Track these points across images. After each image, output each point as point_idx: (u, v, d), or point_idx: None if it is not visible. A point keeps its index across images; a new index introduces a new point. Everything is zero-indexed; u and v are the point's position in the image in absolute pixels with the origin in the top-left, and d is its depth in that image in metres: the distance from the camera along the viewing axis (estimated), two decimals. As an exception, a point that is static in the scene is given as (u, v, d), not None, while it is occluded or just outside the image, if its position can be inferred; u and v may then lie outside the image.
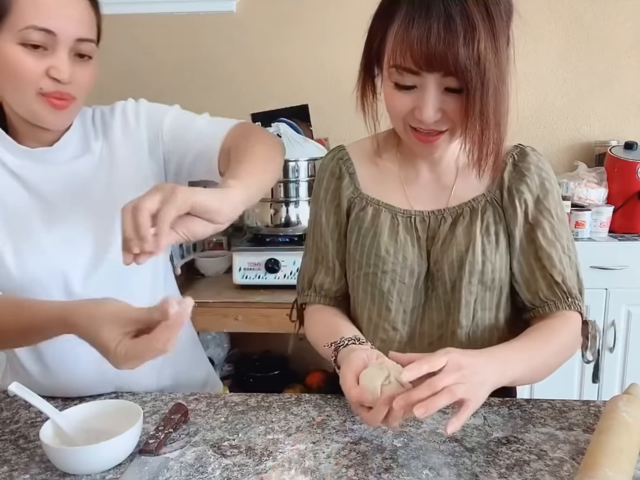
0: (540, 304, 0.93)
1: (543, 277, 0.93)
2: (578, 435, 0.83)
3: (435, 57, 0.76)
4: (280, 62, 2.38)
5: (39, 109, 0.89)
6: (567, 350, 0.91)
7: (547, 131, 2.44)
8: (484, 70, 0.77)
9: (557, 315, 0.92)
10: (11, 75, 0.86)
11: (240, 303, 1.87)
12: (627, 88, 2.37)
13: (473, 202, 0.94)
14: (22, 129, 0.95)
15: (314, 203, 1.04)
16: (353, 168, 1.00)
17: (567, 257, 0.94)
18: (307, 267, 1.06)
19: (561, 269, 0.92)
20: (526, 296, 0.94)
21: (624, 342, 2.05)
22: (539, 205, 0.93)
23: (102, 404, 0.88)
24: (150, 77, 2.34)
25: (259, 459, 0.79)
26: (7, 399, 1.00)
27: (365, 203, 0.98)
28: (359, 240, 0.97)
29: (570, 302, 0.92)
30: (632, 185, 2.11)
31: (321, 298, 1.04)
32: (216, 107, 2.48)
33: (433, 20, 0.76)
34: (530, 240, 0.93)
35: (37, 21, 0.83)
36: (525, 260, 0.94)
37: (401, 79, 0.81)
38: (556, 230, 0.93)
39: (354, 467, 0.76)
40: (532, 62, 2.37)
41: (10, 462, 0.81)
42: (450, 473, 0.75)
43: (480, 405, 0.74)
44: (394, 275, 0.95)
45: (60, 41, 0.86)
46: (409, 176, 0.98)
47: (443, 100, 0.81)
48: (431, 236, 0.95)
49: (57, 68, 0.86)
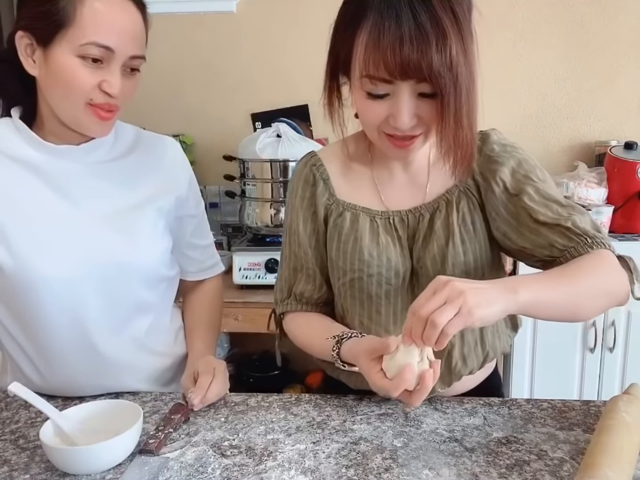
0: (559, 253, 0.86)
1: (551, 231, 0.87)
2: (578, 435, 0.83)
3: (409, 65, 0.76)
4: (280, 62, 2.38)
5: (86, 118, 0.92)
6: (610, 286, 0.83)
7: (547, 131, 2.43)
8: (456, 74, 0.78)
9: (584, 255, 0.84)
10: (64, 84, 0.88)
11: (240, 303, 1.87)
12: (627, 88, 2.37)
13: (447, 195, 0.94)
14: (52, 127, 0.95)
15: (289, 212, 1.03)
16: (327, 174, 0.99)
17: (567, 207, 0.89)
18: (286, 277, 1.04)
19: (565, 216, 0.87)
20: (542, 253, 0.88)
21: (624, 342, 2.05)
22: (516, 175, 0.91)
23: (102, 404, 0.88)
24: (150, 76, 2.33)
25: (259, 459, 0.79)
26: (7, 399, 1.00)
27: (342, 209, 0.97)
28: (340, 247, 0.96)
29: (590, 242, 0.84)
30: (632, 185, 2.11)
31: (302, 305, 1.03)
32: (216, 107, 2.50)
33: (404, 29, 0.75)
34: (522, 209, 0.89)
35: (98, 37, 0.86)
36: (526, 227, 0.89)
37: (374, 88, 0.81)
38: (543, 191, 0.90)
39: (354, 467, 0.76)
40: (532, 62, 2.38)
41: (10, 462, 0.81)
42: (450, 473, 0.75)
43: (487, 317, 0.71)
44: (380, 278, 0.94)
45: (116, 57, 0.89)
46: (383, 178, 0.98)
47: (417, 106, 0.81)
48: (411, 235, 0.95)
49: (109, 83, 0.89)
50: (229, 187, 2.28)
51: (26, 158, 0.95)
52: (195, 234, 1.15)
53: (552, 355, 2.05)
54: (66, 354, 0.98)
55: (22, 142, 0.95)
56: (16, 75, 0.93)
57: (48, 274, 0.92)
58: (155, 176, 1.04)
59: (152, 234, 1.01)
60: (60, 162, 0.96)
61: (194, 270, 1.18)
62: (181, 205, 1.09)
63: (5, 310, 0.97)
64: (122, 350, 1.01)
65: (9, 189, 0.94)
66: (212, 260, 1.21)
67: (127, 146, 1.04)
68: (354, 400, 0.96)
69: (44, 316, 0.94)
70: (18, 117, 0.96)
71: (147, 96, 2.46)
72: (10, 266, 0.92)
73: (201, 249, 1.17)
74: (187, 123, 2.49)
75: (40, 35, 0.87)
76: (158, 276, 1.04)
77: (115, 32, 0.88)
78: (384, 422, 0.88)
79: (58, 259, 0.93)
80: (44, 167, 0.95)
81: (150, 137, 1.09)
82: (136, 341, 1.03)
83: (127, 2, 0.90)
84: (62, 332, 0.96)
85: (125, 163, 1.02)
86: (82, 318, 0.96)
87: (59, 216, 0.95)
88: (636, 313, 2.02)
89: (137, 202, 1.01)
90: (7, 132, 0.95)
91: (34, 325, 0.96)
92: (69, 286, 0.94)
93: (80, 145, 0.97)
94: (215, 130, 2.50)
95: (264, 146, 1.99)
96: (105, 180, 0.99)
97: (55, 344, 0.97)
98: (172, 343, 1.12)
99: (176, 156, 1.10)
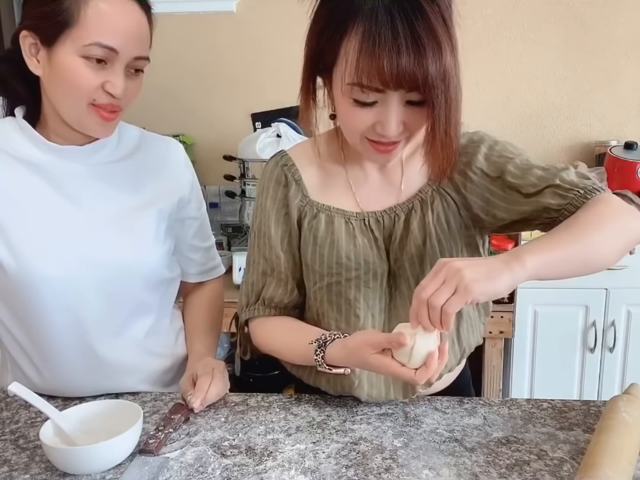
0: (557, 214, 0.85)
1: (542, 195, 0.86)
2: (578, 435, 0.83)
3: (404, 76, 0.74)
4: (281, 62, 2.38)
5: (88, 118, 0.91)
6: (619, 222, 0.80)
7: (547, 131, 2.44)
8: (447, 84, 0.77)
9: (584, 205, 0.82)
10: (67, 84, 0.88)
11: (240, 303, 1.87)
12: (627, 88, 2.37)
13: (421, 194, 0.94)
14: (55, 127, 0.95)
15: (259, 214, 0.98)
16: (299, 174, 0.96)
17: (549, 169, 0.87)
18: (252, 281, 1.00)
19: (551, 177, 0.86)
20: (541, 216, 0.87)
21: (624, 342, 2.05)
22: (491, 159, 0.90)
23: (102, 404, 0.88)
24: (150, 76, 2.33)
25: (259, 459, 0.79)
26: (7, 399, 1.00)
27: (317, 210, 0.94)
28: (316, 251, 0.93)
29: (583, 192, 0.83)
30: (632, 185, 2.11)
31: (271, 310, 0.99)
32: (216, 107, 2.50)
33: (400, 39, 0.73)
34: (508, 188, 0.88)
35: (102, 38, 0.86)
36: (518, 203, 0.88)
37: (364, 96, 0.78)
38: (521, 164, 0.88)
39: (354, 467, 0.76)
40: (532, 62, 2.38)
41: (10, 462, 0.81)
42: (450, 473, 0.75)
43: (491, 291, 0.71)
44: (358, 281, 0.92)
45: (120, 58, 0.88)
46: (358, 178, 0.96)
47: (404, 113, 0.80)
48: (387, 235, 0.94)
49: (112, 83, 0.89)
50: (229, 187, 2.28)
51: (29, 158, 0.95)
52: (197, 236, 1.15)
53: (552, 355, 2.05)
54: (66, 354, 0.98)
55: (26, 141, 0.95)
56: (20, 74, 0.93)
57: (49, 274, 0.92)
58: (158, 178, 1.04)
59: (153, 235, 1.01)
60: (63, 163, 0.96)
61: (194, 273, 1.18)
62: (183, 207, 1.09)
63: (6, 310, 0.97)
64: (123, 351, 1.01)
65: (12, 188, 0.94)
66: (213, 263, 1.21)
67: (130, 147, 1.04)
68: (354, 400, 0.95)
69: (45, 316, 0.94)
70: (22, 116, 0.96)
71: (147, 96, 2.45)
72: (12, 266, 0.92)
73: (202, 251, 1.17)
74: (187, 123, 2.49)
75: (44, 35, 0.87)
76: (159, 277, 1.04)
77: (119, 33, 0.87)
78: (384, 422, 0.88)
79: (59, 259, 0.93)
80: (47, 167, 0.95)
81: (154, 139, 1.09)
82: (137, 342, 1.03)
83: (131, 3, 0.90)
84: (62, 332, 0.96)
85: (129, 164, 1.02)
86: (82, 318, 0.96)
87: (61, 216, 0.95)
88: (636, 313, 2.02)
89: (140, 203, 1.01)
90: (10, 131, 0.95)
91: (34, 325, 0.96)
92: (70, 286, 0.94)
93: (84, 146, 0.97)
94: (215, 130, 2.50)
95: (264, 146, 2.00)
96: (108, 181, 0.99)
97: (56, 344, 0.97)
98: (173, 344, 1.12)
99: (179, 158, 1.09)
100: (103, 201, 0.98)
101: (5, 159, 0.94)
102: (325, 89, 0.88)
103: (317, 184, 0.97)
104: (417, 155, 0.93)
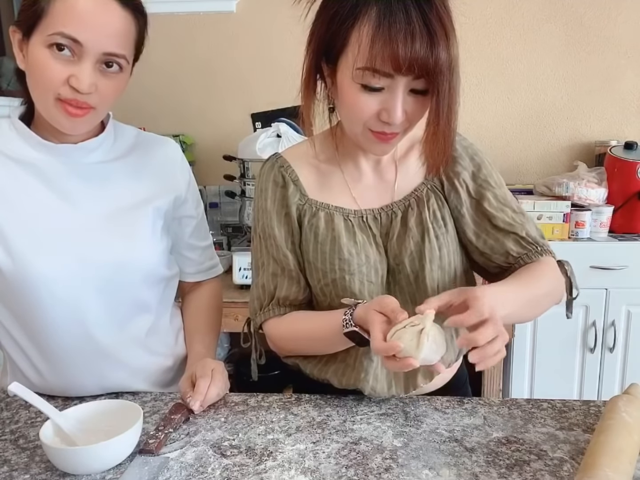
0: (514, 260, 0.96)
1: (507, 238, 0.95)
2: (578, 435, 0.83)
3: (417, 61, 0.77)
4: (280, 62, 2.38)
5: (56, 112, 0.90)
6: (555, 290, 0.94)
7: (547, 131, 2.44)
8: (453, 72, 0.80)
9: (534, 262, 0.95)
10: (37, 76, 0.88)
11: (241, 303, 1.87)
12: (627, 88, 2.37)
13: (416, 192, 0.96)
14: (45, 124, 0.95)
15: (260, 216, 0.99)
16: (295, 175, 0.97)
17: (519, 214, 0.97)
18: (263, 284, 0.99)
19: (520, 225, 0.96)
20: (499, 259, 0.97)
21: (624, 342, 2.05)
22: (476, 180, 0.97)
23: (102, 404, 0.88)
24: (150, 76, 2.34)
25: (259, 459, 0.79)
26: (7, 399, 1.00)
27: (316, 209, 0.96)
28: (317, 248, 0.94)
29: (540, 249, 0.95)
30: (632, 185, 2.11)
31: (285, 309, 0.99)
32: (216, 107, 2.50)
33: (414, 25, 0.76)
34: (482, 214, 0.96)
35: (66, 29, 0.85)
36: (484, 232, 0.96)
37: (374, 81, 0.80)
38: (500, 197, 0.96)
39: (354, 467, 0.76)
40: (532, 62, 2.38)
41: (10, 462, 0.81)
42: (450, 473, 0.75)
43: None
44: (361, 276, 0.93)
45: (86, 52, 0.87)
46: (353, 177, 0.98)
47: (407, 101, 0.82)
48: (384, 232, 0.96)
49: (77, 77, 0.87)
50: (229, 187, 2.28)
51: (25, 157, 0.95)
52: (194, 235, 1.15)
53: (552, 355, 2.05)
54: (66, 354, 0.98)
55: (21, 141, 0.95)
56: (21, 73, 0.93)
57: (46, 274, 0.92)
58: (154, 176, 1.04)
59: (150, 233, 1.01)
60: (59, 162, 0.96)
61: (192, 272, 1.18)
62: (179, 206, 1.09)
63: (5, 311, 0.97)
64: (123, 351, 1.01)
65: (8, 188, 0.94)
66: (210, 262, 1.21)
67: (126, 147, 1.04)
68: (354, 400, 0.96)
69: (44, 316, 0.94)
70: (17, 116, 0.96)
71: (147, 96, 2.47)
72: (9, 266, 0.92)
73: (200, 251, 1.17)
74: (187, 123, 2.49)
75: (24, 28, 0.88)
76: (157, 276, 1.04)
77: (87, 26, 0.86)
78: (384, 422, 0.88)
79: (56, 259, 0.93)
80: (42, 166, 0.95)
81: (150, 138, 1.09)
82: (137, 342, 1.03)
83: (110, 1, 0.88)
84: (61, 332, 0.96)
85: (125, 163, 1.02)
86: (81, 318, 0.96)
87: (57, 216, 0.95)
88: (636, 313, 2.02)
89: (136, 202, 1.01)
90: (6, 132, 0.96)
91: (33, 326, 0.96)
92: (67, 286, 0.94)
93: (78, 144, 0.97)
94: (215, 130, 2.50)
95: (264, 146, 1.99)
96: (104, 180, 0.99)
97: (55, 344, 0.97)
98: (173, 344, 1.12)
99: (175, 157, 1.09)
100: (99, 200, 0.98)
101: (0, 159, 0.94)
102: (324, 83, 0.89)
103: (314, 184, 0.98)
104: (411, 156, 0.98)
